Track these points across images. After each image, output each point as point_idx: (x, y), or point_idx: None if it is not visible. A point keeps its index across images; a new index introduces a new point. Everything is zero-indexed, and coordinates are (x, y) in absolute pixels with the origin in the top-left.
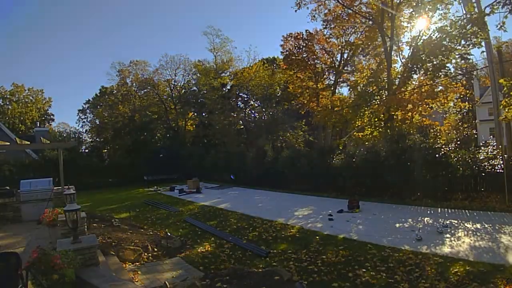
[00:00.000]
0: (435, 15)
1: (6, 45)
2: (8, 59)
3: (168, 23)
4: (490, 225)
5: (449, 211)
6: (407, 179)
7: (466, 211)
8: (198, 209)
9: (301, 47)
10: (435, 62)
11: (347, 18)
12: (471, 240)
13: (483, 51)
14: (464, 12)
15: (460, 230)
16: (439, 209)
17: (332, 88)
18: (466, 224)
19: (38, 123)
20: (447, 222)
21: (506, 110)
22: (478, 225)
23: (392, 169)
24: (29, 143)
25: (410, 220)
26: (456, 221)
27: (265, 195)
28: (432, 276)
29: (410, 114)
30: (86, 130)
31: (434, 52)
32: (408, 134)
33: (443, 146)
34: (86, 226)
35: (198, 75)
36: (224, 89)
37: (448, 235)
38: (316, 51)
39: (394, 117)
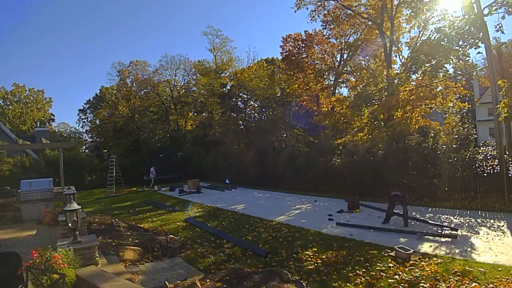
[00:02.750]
0: (434, 15)
1: (6, 46)
2: (8, 59)
3: (169, 23)
4: (491, 224)
5: (449, 211)
6: (407, 179)
7: (466, 211)
8: (198, 209)
9: (300, 48)
10: (433, 63)
11: (346, 19)
12: (473, 240)
13: (479, 52)
14: (463, 13)
15: (461, 230)
16: (439, 209)
17: (332, 89)
18: (467, 224)
19: (39, 123)
20: (449, 222)
21: (505, 111)
22: (479, 225)
23: (392, 169)
24: (29, 143)
25: (409, 220)
26: (457, 221)
27: (265, 195)
28: (433, 276)
29: (409, 114)
30: (86, 130)
31: (432, 53)
32: (407, 134)
33: (443, 146)
34: (86, 226)
35: (198, 75)
36: (224, 89)
37: (450, 236)
38: (315, 51)
39: (394, 117)
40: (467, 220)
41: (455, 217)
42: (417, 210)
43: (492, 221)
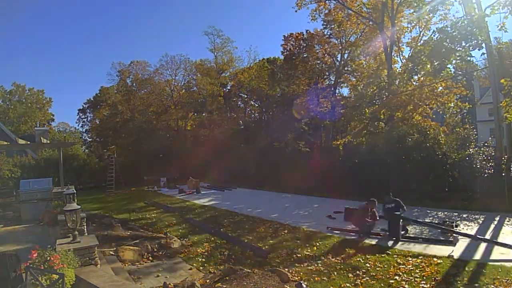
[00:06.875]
0: (436, 15)
1: (6, 45)
2: (8, 59)
3: (169, 23)
4: (491, 224)
5: (449, 212)
6: (407, 180)
7: (466, 211)
8: (198, 209)
9: (301, 47)
10: (435, 63)
11: (347, 18)
12: (472, 241)
13: (483, 53)
14: (464, 13)
15: (460, 230)
16: (439, 210)
17: (333, 89)
18: (467, 225)
19: (38, 123)
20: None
21: (506, 110)
22: (479, 226)
23: (392, 170)
24: (29, 143)
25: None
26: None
27: (266, 196)
28: (433, 277)
29: (410, 114)
30: (86, 130)
31: (434, 53)
32: (408, 135)
33: (443, 147)
34: (85, 226)
35: (199, 75)
36: (225, 89)
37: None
38: (316, 51)
39: (395, 117)
40: (467, 221)
41: (455, 217)
42: (418, 210)
43: (492, 221)
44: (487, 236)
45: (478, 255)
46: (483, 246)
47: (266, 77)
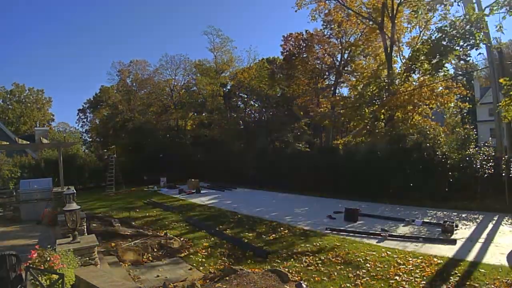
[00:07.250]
0: (436, 15)
1: (6, 46)
2: (8, 58)
3: (169, 23)
4: (491, 224)
5: (449, 212)
6: (407, 180)
7: (466, 212)
8: (198, 208)
9: (301, 47)
10: (434, 62)
11: (347, 19)
12: (473, 241)
13: (480, 53)
14: (464, 12)
15: (460, 230)
16: (439, 210)
17: (332, 89)
18: (467, 225)
19: (38, 123)
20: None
21: (505, 109)
22: (479, 226)
23: (392, 170)
24: (29, 143)
25: (408, 220)
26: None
27: (265, 196)
28: (432, 277)
29: (410, 114)
30: (86, 130)
31: (433, 52)
32: (408, 135)
33: (443, 147)
34: (85, 226)
35: (198, 75)
36: (224, 89)
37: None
38: (316, 51)
39: (395, 117)
40: (466, 220)
41: (455, 217)
42: (418, 210)
43: (490, 221)
44: (484, 236)
45: (478, 256)
46: (483, 246)
47: (266, 77)
